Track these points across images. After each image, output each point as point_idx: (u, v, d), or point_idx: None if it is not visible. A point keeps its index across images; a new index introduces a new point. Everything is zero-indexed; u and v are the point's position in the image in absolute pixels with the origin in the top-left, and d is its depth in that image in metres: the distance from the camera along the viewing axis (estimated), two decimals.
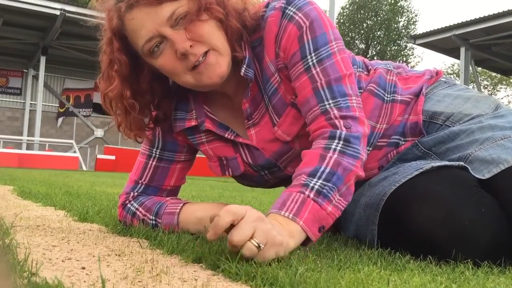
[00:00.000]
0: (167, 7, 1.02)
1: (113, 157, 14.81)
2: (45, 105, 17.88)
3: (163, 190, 1.30)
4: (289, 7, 1.10)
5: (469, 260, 0.93)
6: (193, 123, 1.21)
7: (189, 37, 1.02)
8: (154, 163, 1.28)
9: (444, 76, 1.33)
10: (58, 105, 18.94)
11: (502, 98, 34.44)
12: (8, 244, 0.92)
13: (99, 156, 15.09)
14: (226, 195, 3.51)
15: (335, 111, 1.05)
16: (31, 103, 17.83)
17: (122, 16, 1.07)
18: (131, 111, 1.14)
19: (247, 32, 1.11)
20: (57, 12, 13.29)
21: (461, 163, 1.06)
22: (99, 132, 19.43)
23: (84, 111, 19.29)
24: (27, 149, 16.06)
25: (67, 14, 13.41)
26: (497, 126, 1.12)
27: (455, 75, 32.63)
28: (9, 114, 17.91)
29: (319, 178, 0.98)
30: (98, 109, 19.56)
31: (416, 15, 32.19)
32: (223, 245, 0.99)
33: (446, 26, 13.18)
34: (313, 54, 1.08)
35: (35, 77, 17.35)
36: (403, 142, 1.22)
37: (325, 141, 1.03)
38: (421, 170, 1.04)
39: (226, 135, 1.20)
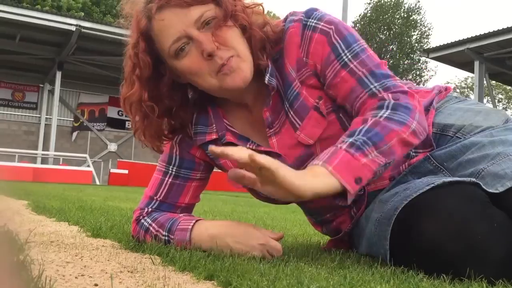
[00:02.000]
0: (196, 9, 1.05)
1: (126, 171, 14.90)
2: (60, 119, 18.09)
3: (177, 207, 1.30)
4: (310, 19, 1.13)
5: (483, 278, 0.92)
6: (214, 136, 1.22)
7: (215, 41, 1.05)
8: (170, 180, 1.29)
9: (453, 92, 1.34)
10: (73, 120, 19.15)
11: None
12: (22, 260, 0.93)
13: (112, 170, 15.19)
14: (239, 210, 3.51)
15: (383, 92, 1.08)
16: (46, 118, 18.06)
17: (151, 16, 1.09)
18: (149, 115, 1.15)
19: (270, 43, 1.13)
20: (73, 28, 13.51)
21: (473, 179, 1.05)
22: (112, 146, 19.58)
23: (98, 125, 19.47)
24: (41, 163, 16.23)
25: (83, 30, 13.62)
26: (508, 140, 1.12)
27: (469, 89, 32.42)
28: (25, 128, 18.14)
29: (355, 135, 1.01)
30: (112, 123, 19.75)
31: (429, 29, 32.14)
32: (235, 262, 0.99)
33: (459, 40, 13.13)
34: (346, 51, 1.11)
35: (51, 92, 17.59)
36: (414, 154, 1.21)
37: (372, 112, 1.06)
38: (432, 185, 1.03)
39: (248, 146, 1.20)
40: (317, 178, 0.95)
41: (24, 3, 19.85)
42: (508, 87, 28.30)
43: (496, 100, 30.56)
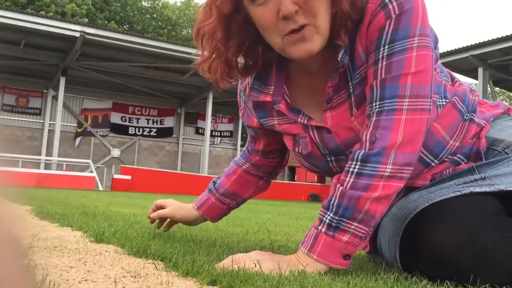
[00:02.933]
0: None
1: (129, 177, 14.91)
2: (64, 125, 18.16)
3: (256, 151, 1.45)
4: None
5: (487, 284, 0.91)
6: (268, 98, 1.19)
7: (296, 2, 0.97)
8: (248, 131, 1.44)
9: None
10: (76, 125, 19.21)
11: None
12: (26, 265, 0.93)
13: (115, 176, 15.21)
14: (241, 216, 3.50)
15: (374, 117, 1.03)
16: (50, 123, 18.11)
17: None
18: (217, 55, 1.10)
19: (351, 21, 1.05)
20: (77, 34, 13.57)
21: (502, 188, 1.02)
22: (115, 152, 19.61)
23: (102, 131, 19.53)
24: (45, 168, 16.26)
25: (87, 36, 13.68)
26: None
27: None
28: (28, 134, 18.20)
29: (330, 211, 1.02)
30: (115, 129, 19.80)
31: None
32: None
33: (463, 47, 13.14)
34: (386, 46, 1.03)
35: (55, 98, 17.66)
36: (463, 163, 1.17)
37: (348, 163, 1.06)
38: (458, 193, 1.03)
39: (299, 119, 1.18)
40: (309, 267, 1.00)
41: (29, 10, 19.98)
42: None
43: None
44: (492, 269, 0.93)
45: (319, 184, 18.72)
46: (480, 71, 13.21)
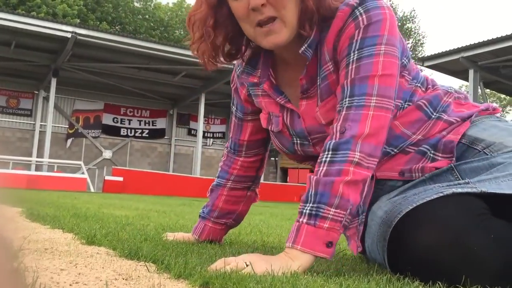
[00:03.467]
0: None
1: (121, 179, 14.84)
2: (55, 126, 18.03)
3: (241, 145, 1.55)
4: (359, 8, 1.15)
5: (478, 286, 0.92)
6: (255, 80, 1.36)
7: None
8: (233, 118, 1.55)
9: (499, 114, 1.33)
10: (67, 126, 19.09)
11: (511, 121, 34.26)
12: (17, 268, 0.92)
13: (107, 178, 15.12)
14: None
15: (344, 111, 1.13)
16: (41, 124, 17.99)
17: None
18: (205, 38, 1.24)
19: (319, 16, 1.17)
20: (69, 35, 13.48)
21: (484, 190, 1.03)
22: (107, 153, 19.51)
23: (93, 132, 19.42)
24: (36, 170, 16.14)
25: (78, 37, 13.61)
26: None
27: None
28: (19, 135, 18.06)
29: (309, 202, 1.08)
30: (107, 130, 19.70)
31: (423, 37, 32.35)
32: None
33: (454, 48, 13.22)
34: (356, 52, 1.13)
35: (46, 99, 17.54)
36: (431, 154, 1.20)
37: (320, 156, 1.14)
38: (441, 195, 1.04)
39: (277, 99, 1.32)
40: (297, 260, 1.03)
41: (20, 10, 19.85)
42: (502, 96, 28.50)
43: None
44: (479, 271, 0.94)
45: None
46: (471, 72, 13.29)
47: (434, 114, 1.24)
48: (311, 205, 1.07)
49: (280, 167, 22.82)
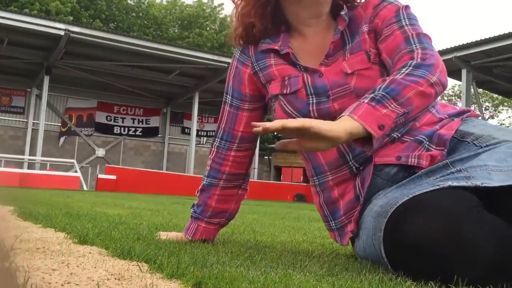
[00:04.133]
0: None
1: (114, 177, 14.81)
2: (48, 124, 17.95)
3: (235, 136, 1.54)
4: None
5: (471, 285, 0.92)
6: (276, 47, 1.42)
7: None
8: (227, 108, 1.55)
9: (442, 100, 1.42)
10: (60, 124, 19.01)
11: (504, 120, 34.51)
12: (7, 268, 0.91)
13: (100, 176, 15.08)
14: None
15: (420, 50, 1.25)
16: (33, 122, 17.90)
17: None
18: (257, 7, 1.42)
19: None
20: (62, 33, 13.42)
21: (478, 183, 1.05)
22: (100, 152, 19.46)
23: (86, 130, 19.35)
24: (28, 168, 16.06)
25: (72, 35, 13.54)
26: None
27: (456, 96, 32.76)
28: (11, 133, 17.97)
29: (376, 91, 1.15)
30: (100, 128, 19.64)
31: None
32: (224, 269, 0.99)
33: (447, 48, 13.26)
34: (406, 20, 1.33)
35: (38, 96, 17.46)
36: (426, 144, 1.26)
37: (396, 70, 1.22)
38: (437, 187, 1.06)
39: (299, 62, 1.40)
40: (346, 123, 1.09)
41: (12, 7, 19.72)
42: (495, 95, 28.67)
43: (483, 108, 30.90)
44: (474, 261, 0.95)
45: (305, 184, 18.77)
46: (464, 72, 13.35)
47: None
48: (377, 92, 1.14)
49: (273, 165, 22.84)
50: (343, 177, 1.37)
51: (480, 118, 1.43)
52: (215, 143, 1.59)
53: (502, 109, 34.52)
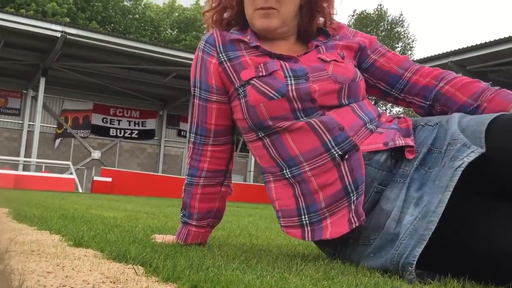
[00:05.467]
0: None
1: (109, 179, 14.76)
2: (43, 126, 17.90)
3: (208, 130, 1.51)
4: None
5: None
6: (246, 39, 1.46)
7: None
8: (196, 101, 1.52)
9: None
10: (56, 126, 18.96)
11: None
12: (2, 270, 0.91)
13: (96, 178, 15.03)
14: (223, 219, 3.49)
15: (421, 68, 1.54)
16: (29, 124, 17.84)
17: None
18: (221, 8, 1.53)
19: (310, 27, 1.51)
20: (58, 34, 13.41)
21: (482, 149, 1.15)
22: (96, 154, 19.41)
23: (82, 132, 19.31)
24: (23, 170, 16.00)
25: (68, 36, 13.52)
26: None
27: None
28: (6, 134, 17.91)
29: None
30: (96, 130, 19.60)
31: (412, 41, 32.53)
32: (220, 273, 0.99)
33: (443, 53, 13.33)
34: (385, 47, 1.59)
35: (34, 98, 17.41)
36: (399, 132, 1.34)
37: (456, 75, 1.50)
38: (460, 167, 1.11)
39: (273, 51, 1.43)
40: None
41: (8, 8, 19.67)
42: None
43: None
44: None
45: None
46: None
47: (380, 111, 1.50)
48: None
49: None
50: (324, 167, 1.31)
51: None
52: (191, 139, 1.55)
53: None
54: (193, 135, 1.54)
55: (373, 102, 1.53)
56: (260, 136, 1.40)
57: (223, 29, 1.53)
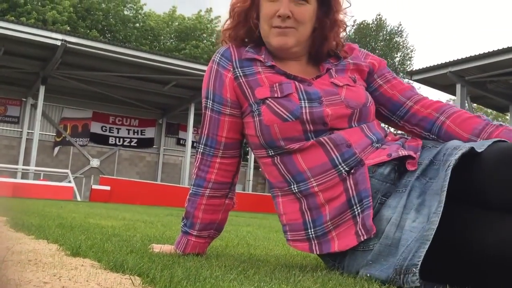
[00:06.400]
0: None
1: (108, 188, 14.72)
2: (42, 134, 17.88)
3: (219, 142, 1.52)
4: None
5: None
6: (260, 58, 1.48)
7: (292, 11, 1.41)
8: (208, 112, 1.53)
9: None
10: (55, 134, 18.94)
11: None
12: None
13: (94, 186, 14.99)
14: None
15: (424, 99, 1.57)
16: (28, 132, 17.83)
17: None
18: (237, 26, 1.52)
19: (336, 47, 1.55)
20: (58, 43, 13.43)
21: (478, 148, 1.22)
22: (95, 162, 19.38)
23: (81, 140, 19.29)
24: (22, 178, 15.96)
25: (68, 45, 13.55)
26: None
27: None
28: (5, 142, 17.88)
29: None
30: (95, 138, 19.58)
31: (411, 51, 32.70)
32: (217, 284, 0.98)
33: (442, 63, 13.36)
34: (391, 72, 1.62)
35: (34, 106, 17.41)
36: (403, 146, 1.38)
37: (461, 110, 1.51)
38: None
39: (288, 71, 1.45)
40: None
41: (9, 16, 19.73)
42: (489, 110, 28.84)
43: None
44: None
45: None
46: (458, 87, 13.44)
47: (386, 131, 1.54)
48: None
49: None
50: (330, 182, 1.34)
51: None
52: (199, 149, 1.56)
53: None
54: (203, 146, 1.55)
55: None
56: (271, 154, 1.43)
57: (238, 45, 1.54)
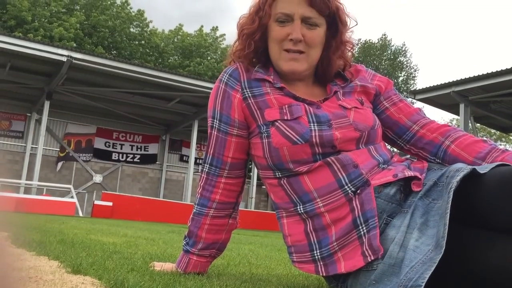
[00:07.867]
0: (313, 12, 1.42)
1: (110, 204, 14.70)
2: (46, 149, 17.93)
3: (224, 162, 1.52)
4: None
5: None
6: (269, 79, 1.47)
7: (304, 35, 1.41)
8: (215, 132, 1.52)
9: None
10: (58, 149, 18.99)
11: None
12: None
13: (96, 202, 14.97)
14: None
15: (430, 123, 1.56)
16: (32, 147, 17.89)
17: None
18: (246, 47, 1.50)
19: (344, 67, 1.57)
20: (64, 59, 13.54)
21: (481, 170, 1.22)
22: (98, 178, 19.39)
23: (85, 156, 19.33)
24: (25, 193, 15.96)
25: (74, 61, 13.66)
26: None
27: None
28: (9, 157, 17.92)
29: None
30: (98, 154, 19.61)
31: (415, 70, 32.84)
32: None
33: (445, 83, 13.39)
34: (398, 94, 1.60)
35: (38, 121, 17.49)
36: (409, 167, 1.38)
37: (465, 133, 1.49)
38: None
39: (297, 94, 1.45)
40: None
41: (16, 33, 19.95)
42: (493, 130, 28.83)
43: None
44: None
45: None
46: (462, 107, 13.45)
47: (392, 153, 1.54)
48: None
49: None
50: (337, 202, 1.32)
51: None
52: (204, 169, 1.56)
53: (500, 145, 34.61)
54: (208, 166, 1.54)
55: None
56: (278, 176, 1.42)
57: (246, 65, 1.53)
